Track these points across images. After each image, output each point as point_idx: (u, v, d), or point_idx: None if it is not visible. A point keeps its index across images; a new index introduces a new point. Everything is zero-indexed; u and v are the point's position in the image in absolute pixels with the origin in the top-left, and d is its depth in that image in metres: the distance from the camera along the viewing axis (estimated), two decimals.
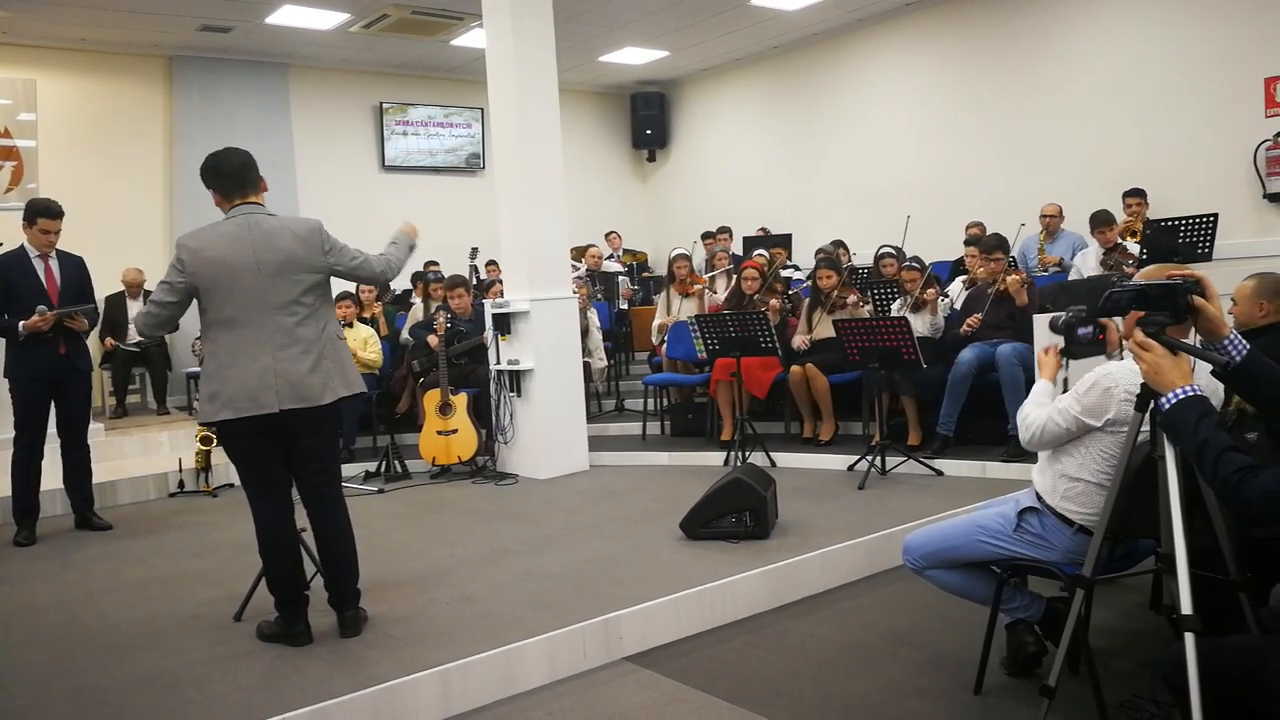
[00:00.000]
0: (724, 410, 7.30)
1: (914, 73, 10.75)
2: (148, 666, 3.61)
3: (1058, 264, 8.26)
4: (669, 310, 8.51)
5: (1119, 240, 7.57)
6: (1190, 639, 2.19)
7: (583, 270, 9.96)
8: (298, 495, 3.81)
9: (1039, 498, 3.01)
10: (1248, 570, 2.61)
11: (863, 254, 9.23)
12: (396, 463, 7.20)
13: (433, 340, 7.24)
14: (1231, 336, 2.35)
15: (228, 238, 3.65)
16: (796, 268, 10.21)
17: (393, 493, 6.68)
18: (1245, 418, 3.01)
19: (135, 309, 9.26)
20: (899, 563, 3.75)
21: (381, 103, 12.03)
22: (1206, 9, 8.37)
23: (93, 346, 6.84)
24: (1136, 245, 7.44)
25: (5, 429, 5.86)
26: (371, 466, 7.26)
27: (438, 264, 10.48)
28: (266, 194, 3.90)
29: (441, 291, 8.03)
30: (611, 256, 11.99)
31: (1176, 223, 7.19)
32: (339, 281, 4.03)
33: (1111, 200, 8.12)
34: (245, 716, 3.12)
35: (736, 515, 4.78)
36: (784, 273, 8.73)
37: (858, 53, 11.29)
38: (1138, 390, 2.52)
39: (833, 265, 7.45)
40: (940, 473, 6.07)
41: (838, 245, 9.45)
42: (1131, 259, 7.22)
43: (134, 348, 9.07)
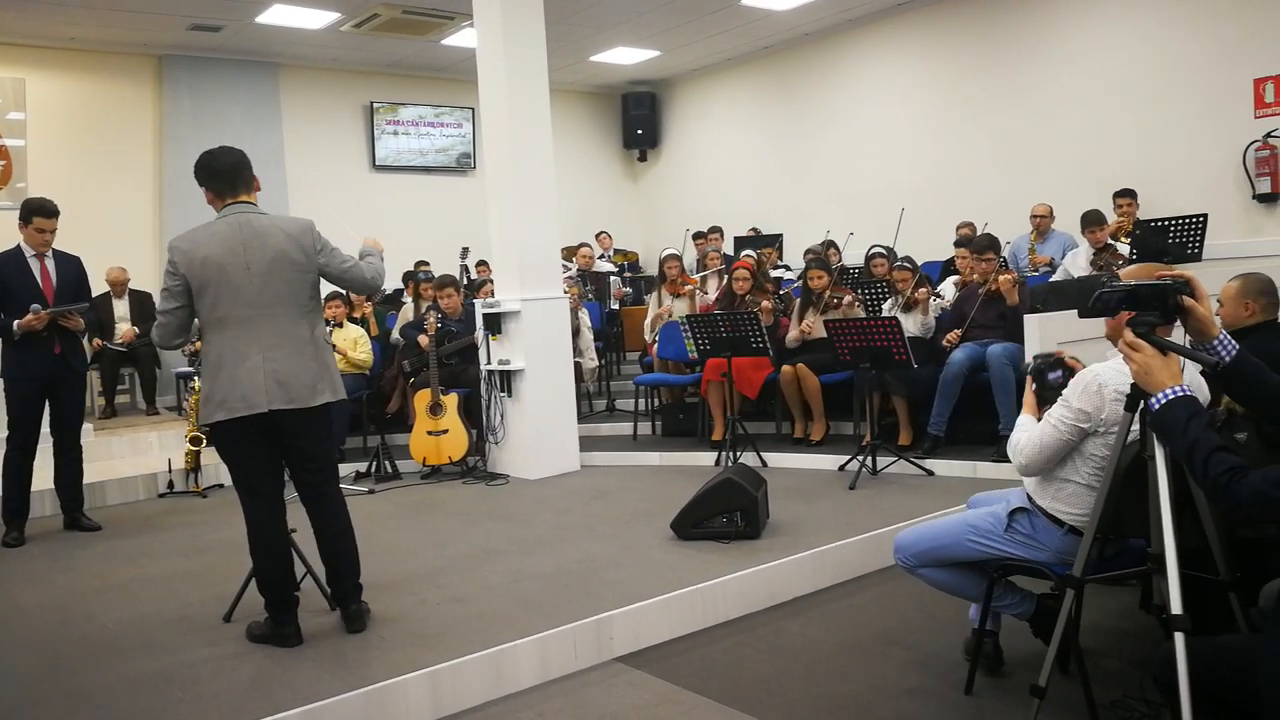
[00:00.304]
0: (715, 410, 7.31)
1: (904, 73, 10.77)
2: (137, 667, 3.59)
3: (1048, 264, 8.27)
4: (660, 306, 8.51)
5: (1109, 241, 7.59)
6: (1180, 639, 2.20)
7: (574, 270, 9.94)
8: (291, 495, 3.80)
9: (1029, 498, 3.02)
10: (1237, 570, 2.62)
11: (854, 254, 9.23)
12: (387, 463, 7.18)
13: (423, 340, 7.22)
14: (1221, 336, 2.36)
15: (219, 237, 3.63)
16: (787, 268, 10.22)
17: (383, 493, 6.66)
18: (1235, 418, 3.03)
19: (121, 308, 9.27)
20: (890, 563, 3.76)
21: (372, 102, 11.99)
22: (1195, 10, 8.40)
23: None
24: (1127, 246, 7.46)
25: None
26: (362, 467, 7.24)
27: (428, 264, 10.47)
28: (258, 194, 3.88)
29: (432, 291, 8.01)
30: (603, 256, 11.98)
31: (1166, 223, 7.21)
32: (327, 284, 4.01)
33: (1102, 200, 8.14)
34: (235, 718, 3.11)
35: (727, 515, 4.78)
36: (774, 273, 8.74)
37: (848, 53, 11.31)
38: (1127, 390, 2.53)
39: (823, 266, 7.47)
40: (931, 473, 6.09)
41: (828, 245, 9.46)
42: (1122, 260, 7.23)
43: (121, 347, 9.02)
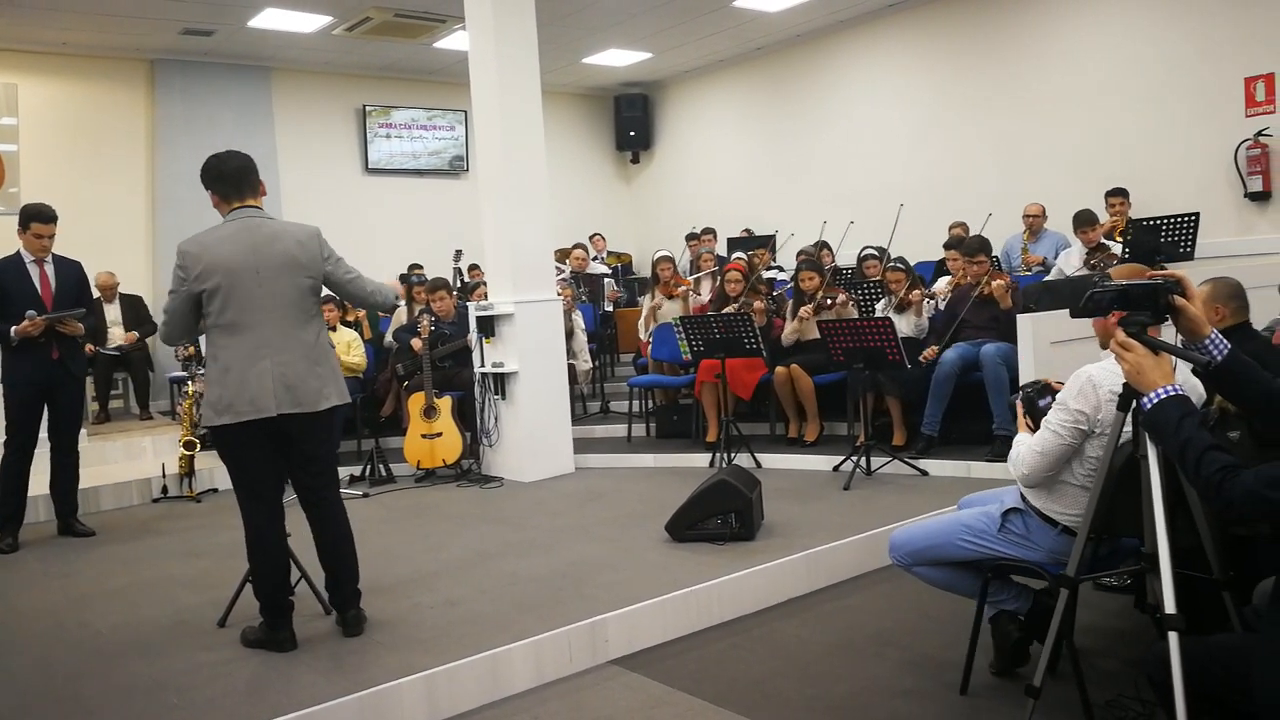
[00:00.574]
0: (709, 412, 7.30)
1: (897, 74, 10.79)
2: (132, 673, 3.58)
3: (1041, 263, 8.30)
4: (653, 308, 8.51)
5: (1102, 240, 7.60)
6: (1174, 638, 2.20)
7: (567, 272, 9.94)
8: (288, 499, 3.79)
9: (1023, 498, 3.03)
10: (1231, 569, 2.62)
11: (849, 252, 9.23)
12: (381, 466, 7.18)
13: (417, 343, 7.21)
14: (1212, 336, 2.36)
15: (228, 241, 3.63)
16: (780, 269, 10.22)
17: (377, 496, 6.66)
18: (1227, 416, 3.03)
19: (113, 312, 9.25)
20: (885, 563, 3.76)
21: (364, 105, 11.98)
22: (1187, 9, 8.43)
23: None
24: (1119, 245, 7.48)
25: None
26: (356, 470, 7.23)
27: (421, 267, 10.47)
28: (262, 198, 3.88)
29: (424, 294, 8.01)
30: (596, 258, 11.98)
31: (1158, 222, 7.23)
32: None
33: (1094, 200, 8.17)
34: None
35: (722, 517, 4.78)
36: (767, 274, 8.73)
37: (840, 54, 11.33)
38: (1119, 390, 2.54)
39: (815, 267, 7.46)
40: (925, 473, 6.09)
41: (820, 246, 9.46)
42: (1114, 259, 7.25)
43: (115, 352, 9.01)
